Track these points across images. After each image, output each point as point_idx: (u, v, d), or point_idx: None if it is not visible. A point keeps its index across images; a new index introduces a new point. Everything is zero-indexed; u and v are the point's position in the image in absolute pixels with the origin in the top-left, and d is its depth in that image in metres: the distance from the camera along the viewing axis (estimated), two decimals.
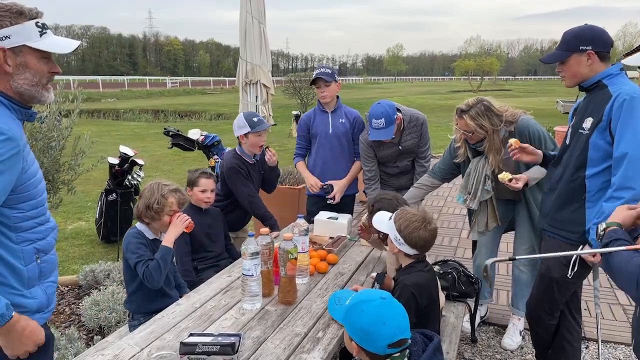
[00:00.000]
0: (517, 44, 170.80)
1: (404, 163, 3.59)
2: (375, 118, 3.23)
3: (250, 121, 3.24)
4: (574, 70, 2.29)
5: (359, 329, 1.48)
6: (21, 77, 1.47)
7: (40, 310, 1.56)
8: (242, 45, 10.70)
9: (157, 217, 2.52)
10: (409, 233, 2.08)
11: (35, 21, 1.47)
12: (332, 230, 3.17)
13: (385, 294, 1.54)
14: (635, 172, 2.10)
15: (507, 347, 3.27)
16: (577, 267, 2.35)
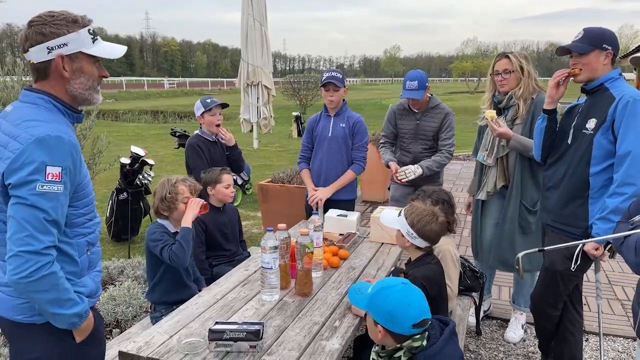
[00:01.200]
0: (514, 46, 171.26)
1: (418, 148, 3.76)
2: (410, 80, 3.56)
3: (204, 102, 3.72)
4: (593, 65, 2.40)
5: (385, 312, 1.61)
6: (77, 82, 1.58)
7: (90, 297, 1.68)
8: (244, 46, 10.77)
9: (172, 206, 2.68)
10: (422, 227, 2.21)
11: (88, 28, 1.58)
12: (342, 227, 3.29)
13: (405, 280, 1.67)
14: (637, 169, 2.24)
15: (510, 340, 3.39)
16: (580, 261, 2.47)
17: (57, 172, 1.45)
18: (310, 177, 3.80)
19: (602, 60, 2.39)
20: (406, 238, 2.25)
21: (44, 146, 1.43)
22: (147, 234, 2.68)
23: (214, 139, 3.75)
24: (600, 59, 2.39)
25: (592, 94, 2.48)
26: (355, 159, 3.71)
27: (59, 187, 1.46)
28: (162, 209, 2.68)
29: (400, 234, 2.28)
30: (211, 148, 3.71)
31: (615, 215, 2.31)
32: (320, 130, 3.75)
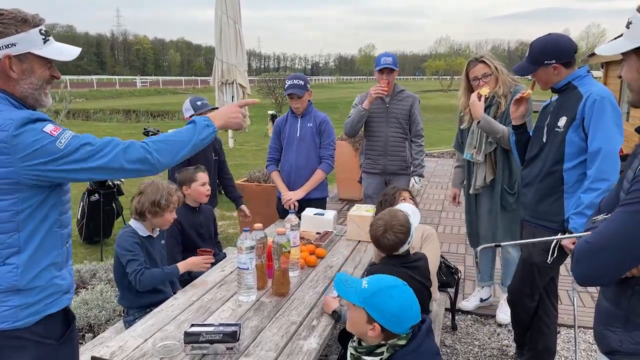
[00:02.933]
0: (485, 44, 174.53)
1: (389, 131, 3.81)
2: (385, 56, 3.76)
3: (194, 104, 3.60)
4: (544, 79, 2.52)
5: (389, 313, 1.61)
6: (26, 82, 1.52)
7: (68, 292, 1.64)
8: (218, 45, 10.67)
9: (160, 213, 2.62)
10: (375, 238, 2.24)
11: (39, 28, 1.52)
12: (319, 225, 3.28)
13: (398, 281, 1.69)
14: (609, 165, 2.32)
15: (502, 322, 3.56)
16: (556, 254, 2.53)
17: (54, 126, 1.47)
18: (282, 178, 3.79)
19: (552, 72, 2.47)
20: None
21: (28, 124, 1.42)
22: (117, 239, 2.62)
23: None
24: (549, 72, 2.48)
25: (561, 93, 2.55)
26: (324, 158, 3.74)
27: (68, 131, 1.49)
28: (149, 211, 2.61)
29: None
30: (199, 152, 3.60)
31: (591, 210, 2.37)
32: (288, 132, 3.76)
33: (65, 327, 1.65)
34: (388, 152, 3.86)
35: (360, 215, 3.20)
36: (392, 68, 3.73)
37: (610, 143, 2.32)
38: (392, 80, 3.80)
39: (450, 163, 10.06)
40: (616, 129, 2.34)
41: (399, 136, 3.86)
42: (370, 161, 3.96)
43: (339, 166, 7.28)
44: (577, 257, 1.42)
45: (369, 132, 3.92)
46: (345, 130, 3.86)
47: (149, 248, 2.67)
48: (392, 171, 3.90)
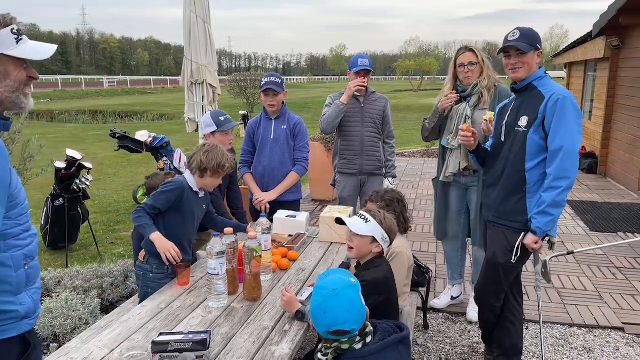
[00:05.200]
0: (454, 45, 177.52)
1: (364, 131, 3.83)
2: (362, 58, 3.80)
3: (216, 120, 3.31)
4: (530, 64, 2.53)
5: (310, 309, 1.71)
6: (2, 85, 1.45)
7: (28, 317, 1.55)
8: (187, 44, 10.52)
9: (219, 174, 2.68)
10: (395, 230, 2.26)
11: (11, 28, 1.45)
12: (291, 228, 3.26)
13: (339, 285, 1.67)
14: (570, 163, 2.37)
15: (472, 319, 3.59)
16: (520, 253, 2.58)
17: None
18: (255, 181, 3.75)
19: (536, 59, 2.53)
20: (379, 243, 2.26)
21: None
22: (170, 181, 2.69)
23: None
24: (535, 58, 2.53)
25: (521, 93, 2.60)
26: (298, 160, 3.72)
27: None
28: (211, 170, 2.63)
29: (368, 241, 2.27)
30: None
31: (553, 209, 2.42)
32: (262, 134, 3.71)
33: (22, 352, 1.56)
34: (364, 152, 3.88)
35: (333, 217, 3.18)
36: (369, 69, 3.76)
37: (571, 141, 2.38)
38: (368, 81, 3.82)
39: (421, 162, 10.18)
40: (577, 128, 2.40)
41: (374, 136, 3.89)
42: (346, 161, 3.95)
43: (311, 167, 7.23)
44: None
45: (344, 132, 3.91)
46: (322, 126, 3.84)
47: (192, 202, 2.69)
48: (368, 171, 3.93)
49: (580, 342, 3.39)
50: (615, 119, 8.46)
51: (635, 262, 4.75)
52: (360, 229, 2.27)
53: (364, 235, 2.25)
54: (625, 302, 3.90)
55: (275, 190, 3.67)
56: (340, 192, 4.03)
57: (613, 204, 6.84)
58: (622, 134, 8.08)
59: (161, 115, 22.20)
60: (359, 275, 2.21)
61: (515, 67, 2.54)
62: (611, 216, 6.25)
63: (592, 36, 8.91)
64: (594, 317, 3.67)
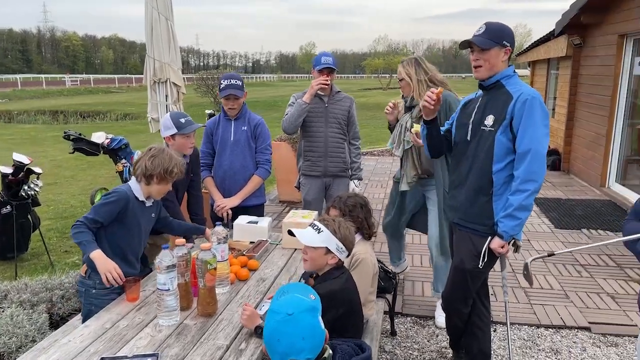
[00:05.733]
0: (422, 43, 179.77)
1: (329, 132, 3.72)
2: (326, 56, 3.68)
3: (177, 122, 3.07)
4: (493, 61, 2.41)
5: (264, 334, 1.55)
6: None
7: None
8: (149, 42, 10.21)
9: (166, 181, 2.50)
10: (351, 239, 2.11)
11: None
12: (252, 234, 3.11)
13: (295, 309, 1.52)
14: (538, 166, 2.30)
15: (441, 325, 3.48)
16: (487, 258, 2.51)
17: None
18: (215, 185, 3.57)
19: (502, 56, 2.43)
20: (334, 254, 2.12)
21: None
22: (111, 191, 2.50)
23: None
24: (500, 55, 2.42)
25: (488, 90, 2.52)
26: (260, 163, 3.57)
27: None
28: (158, 176, 2.45)
29: (322, 252, 2.12)
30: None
31: (520, 212, 2.35)
32: (221, 135, 3.54)
33: None
34: (328, 154, 3.77)
35: (296, 222, 3.05)
36: (332, 68, 3.63)
37: (539, 144, 2.31)
38: (332, 80, 3.69)
39: (390, 161, 10.15)
40: (544, 129, 2.33)
41: (339, 137, 3.78)
42: (310, 163, 3.83)
43: (278, 167, 7.13)
44: None
45: (308, 132, 3.79)
46: (284, 126, 3.70)
47: (137, 213, 2.50)
48: (333, 173, 3.81)
49: (547, 343, 3.36)
50: (578, 117, 8.61)
51: (600, 259, 4.80)
52: (311, 240, 2.12)
53: (317, 246, 2.11)
54: (590, 300, 3.91)
55: (238, 195, 3.51)
56: (304, 195, 3.90)
57: (576, 201, 6.94)
58: (584, 131, 8.23)
59: (125, 115, 21.56)
60: (316, 287, 2.09)
61: (476, 65, 2.46)
62: (575, 213, 6.33)
63: (554, 35, 9.05)
64: (560, 317, 3.66)
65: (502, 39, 2.39)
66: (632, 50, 6.93)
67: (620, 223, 5.87)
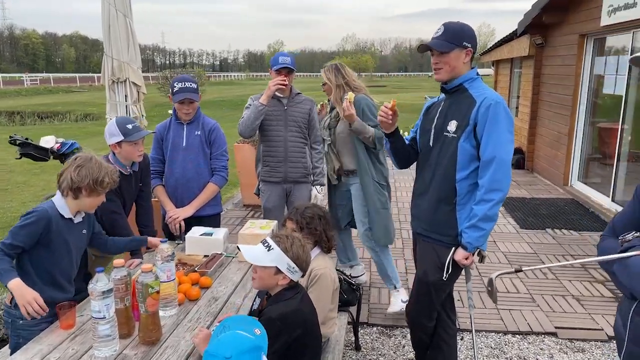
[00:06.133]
0: (389, 42, 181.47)
1: (288, 135, 3.56)
2: (283, 55, 3.54)
3: (123, 128, 2.82)
4: (454, 64, 2.29)
5: None
6: None
7: None
8: (107, 40, 9.79)
9: (97, 192, 2.28)
10: (305, 259, 1.94)
11: None
12: (206, 247, 2.92)
13: (234, 350, 1.34)
14: (503, 174, 2.19)
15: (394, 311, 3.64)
16: (451, 269, 2.39)
17: None
18: (166, 194, 3.34)
19: (463, 58, 2.31)
20: (285, 275, 1.94)
21: None
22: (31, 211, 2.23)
23: (128, 172, 2.97)
24: (461, 57, 2.30)
25: (451, 94, 2.40)
26: (216, 170, 3.34)
27: None
28: (87, 188, 2.23)
29: (272, 272, 1.94)
30: (124, 182, 2.86)
31: (485, 223, 2.24)
32: (172, 140, 3.31)
33: None
34: (288, 159, 3.58)
35: (253, 234, 2.88)
36: (290, 68, 3.45)
37: (504, 151, 2.21)
38: (291, 81, 3.52)
39: None
40: (509, 136, 2.23)
41: (299, 141, 3.61)
42: (269, 169, 3.64)
43: (242, 170, 6.91)
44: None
45: (267, 136, 3.60)
46: (240, 130, 3.50)
47: (64, 231, 2.25)
48: (294, 179, 3.64)
49: (515, 350, 3.29)
50: (541, 116, 8.71)
51: (564, 259, 4.80)
52: (259, 259, 1.95)
53: (266, 265, 1.94)
54: (557, 303, 3.87)
55: (192, 204, 3.29)
56: (264, 203, 3.72)
57: (541, 200, 6.99)
58: (547, 130, 8.32)
59: (85, 115, 20.81)
60: (267, 310, 1.92)
61: (436, 68, 2.33)
62: (539, 212, 6.36)
63: (517, 35, 9.13)
64: (527, 322, 3.60)
65: (462, 40, 2.27)
66: (592, 50, 7.02)
67: (583, 222, 5.93)
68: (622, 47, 6.24)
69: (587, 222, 5.96)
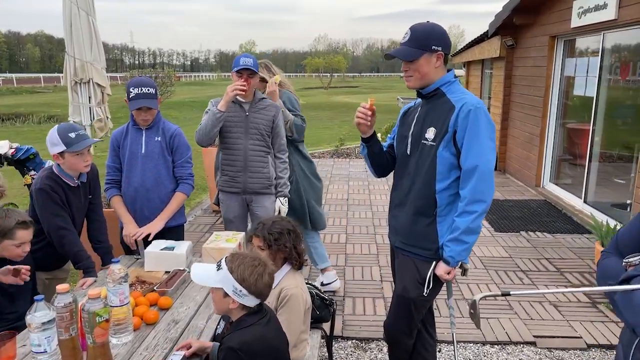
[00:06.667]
0: (361, 43, 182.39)
1: (248, 144, 3.27)
2: (245, 57, 3.30)
3: (65, 137, 2.56)
4: (424, 70, 2.15)
5: None
6: None
7: None
8: (68, 39, 9.38)
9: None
10: (254, 281, 1.75)
11: None
12: (167, 263, 2.70)
13: None
14: (486, 184, 2.07)
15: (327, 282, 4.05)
16: (432, 284, 2.25)
17: None
18: (124, 205, 3.08)
19: (434, 62, 2.16)
20: (232, 298, 1.76)
21: None
22: None
23: (76, 183, 2.73)
24: (432, 61, 2.15)
25: (428, 99, 2.26)
26: (183, 178, 3.10)
27: None
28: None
29: (221, 294, 1.77)
30: (70, 194, 2.70)
31: (468, 236, 2.11)
32: (129, 147, 3.05)
33: None
34: (248, 168, 3.30)
35: (219, 248, 2.68)
36: (252, 70, 3.22)
37: (487, 160, 2.07)
38: (253, 85, 3.29)
39: (331, 164, 9.91)
40: (491, 143, 2.10)
41: (261, 150, 3.32)
42: (227, 178, 3.36)
43: (210, 175, 6.65)
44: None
45: (226, 144, 3.34)
46: (197, 138, 3.26)
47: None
48: (254, 190, 3.35)
49: None
50: (512, 117, 8.73)
51: (539, 263, 4.75)
52: (202, 278, 1.80)
53: (215, 287, 1.78)
54: (534, 310, 3.79)
55: (161, 217, 3.01)
56: (224, 213, 3.46)
57: (514, 202, 6.97)
58: (519, 131, 8.35)
59: (49, 117, 20.04)
60: (226, 339, 1.74)
61: (406, 75, 2.19)
62: (513, 215, 6.33)
63: (488, 36, 9.15)
64: (505, 331, 3.50)
65: (430, 43, 2.12)
66: (562, 51, 7.05)
67: (556, 224, 5.92)
68: (593, 49, 6.27)
69: (561, 224, 5.96)
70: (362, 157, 2.50)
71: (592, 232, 5.58)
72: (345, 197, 7.26)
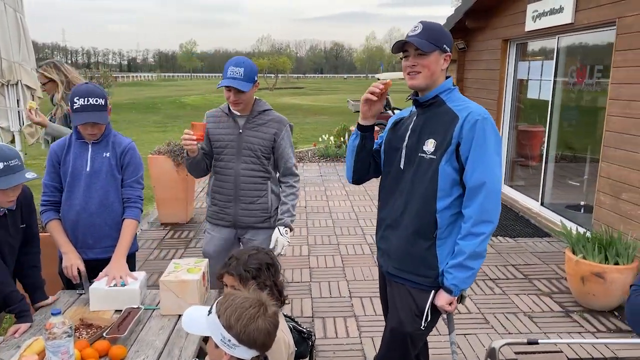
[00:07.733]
0: (304, 44, 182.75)
1: (240, 167, 2.76)
2: (234, 65, 2.65)
3: None
4: (433, 68, 1.91)
5: None
6: None
7: None
8: None
9: None
10: (243, 327, 1.41)
11: None
12: (118, 302, 2.29)
13: None
14: (493, 204, 1.85)
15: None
16: (430, 316, 2.01)
17: None
18: (64, 232, 2.58)
19: (442, 64, 1.94)
20: (221, 349, 1.43)
21: None
22: None
23: (2, 211, 2.22)
24: (440, 62, 1.93)
25: (424, 107, 2.01)
26: (131, 201, 2.61)
27: None
28: None
29: (212, 344, 1.46)
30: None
31: (473, 261, 1.87)
32: (72, 164, 2.55)
33: None
34: (240, 198, 2.78)
35: (179, 281, 2.29)
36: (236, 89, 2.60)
37: (494, 176, 1.85)
38: (248, 99, 2.72)
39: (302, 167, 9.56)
40: (498, 159, 1.88)
41: (256, 175, 2.78)
42: (217, 208, 2.86)
43: (158, 185, 6.16)
44: None
45: (216, 167, 2.84)
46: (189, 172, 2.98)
47: None
48: (247, 224, 2.82)
49: None
50: None
51: (507, 270, 4.67)
52: (191, 325, 1.51)
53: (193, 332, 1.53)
54: (510, 323, 3.67)
55: (119, 253, 2.50)
56: (204, 244, 2.95)
57: None
58: None
59: None
60: None
61: (413, 70, 1.92)
62: None
63: None
64: (485, 348, 3.33)
65: (443, 43, 1.91)
66: (515, 54, 7.11)
67: (516, 228, 5.91)
68: (547, 52, 6.33)
69: (520, 227, 5.96)
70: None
71: (551, 235, 5.62)
72: (303, 204, 6.96)
